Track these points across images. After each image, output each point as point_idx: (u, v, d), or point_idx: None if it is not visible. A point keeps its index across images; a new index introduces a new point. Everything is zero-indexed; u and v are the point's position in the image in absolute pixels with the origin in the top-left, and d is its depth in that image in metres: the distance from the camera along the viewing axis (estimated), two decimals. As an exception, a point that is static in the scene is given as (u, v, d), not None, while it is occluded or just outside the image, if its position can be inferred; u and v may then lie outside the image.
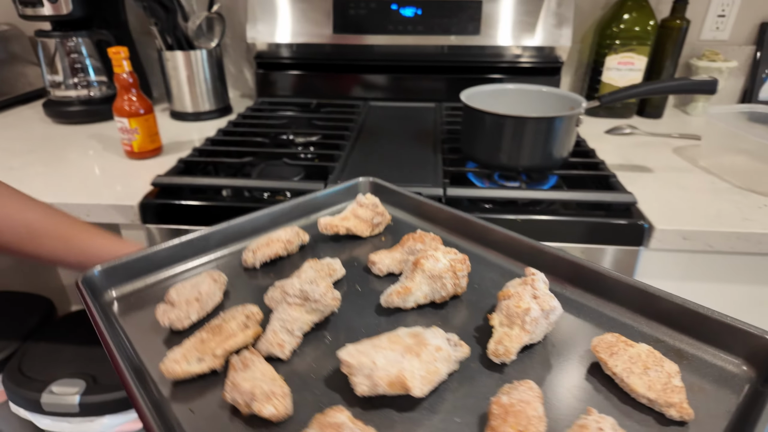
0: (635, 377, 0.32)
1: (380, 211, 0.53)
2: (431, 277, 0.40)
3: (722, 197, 0.75)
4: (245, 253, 0.47)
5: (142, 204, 0.72)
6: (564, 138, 0.72)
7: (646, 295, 0.39)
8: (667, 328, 0.38)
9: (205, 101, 1.08)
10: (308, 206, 0.56)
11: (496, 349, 0.35)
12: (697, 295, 0.73)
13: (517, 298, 0.36)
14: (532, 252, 0.48)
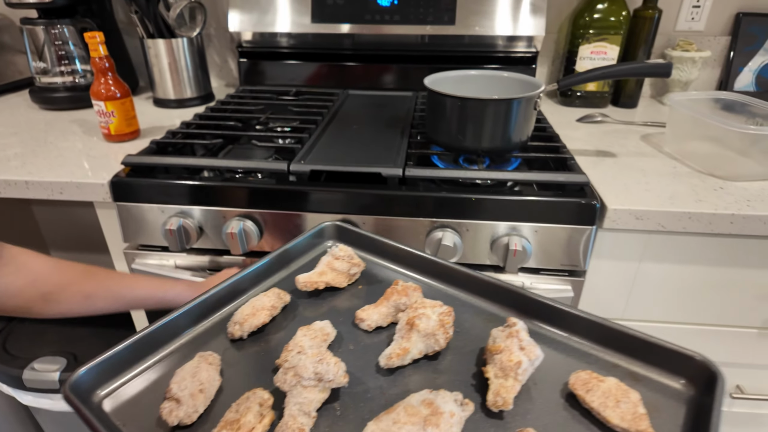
0: (610, 410, 0.39)
1: (356, 262, 0.55)
2: (425, 335, 0.44)
3: (680, 180, 0.76)
4: (231, 327, 0.47)
5: (112, 182, 0.74)
6: (523, 120, 0.73)
7: (603, 327, 0.45)
8: (622, 355, 0.44)
9: (187, 88, 1.11)
10: (281, 260, 0.57)
11: (495, 400, 0.39)
12: (653, 276, 0.75)
13: (507, 353, 0.42)
14: (501, 292, 0.51)
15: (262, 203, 0.73)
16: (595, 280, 0.77)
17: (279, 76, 1.21)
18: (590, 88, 1.12)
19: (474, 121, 0.72)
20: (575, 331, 0.46)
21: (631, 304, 0.79)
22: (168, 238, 0.73)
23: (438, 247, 0.69)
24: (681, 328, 0.80)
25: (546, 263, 0.72)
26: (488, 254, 0.72)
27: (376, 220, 0.72)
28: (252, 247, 0.74)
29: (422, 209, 0.70)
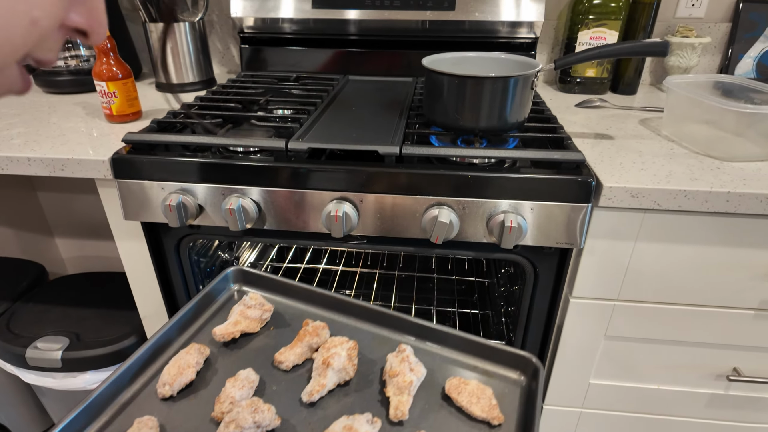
0: (474, 406, 0.53)
1: (267, 307, 0.64)
2: (338, 370, 0.55)
3: (677, 161, 0.77)
4: (161, 388, 0.52)
5: (113, 159, 0.75)
6: (520, 99, 0.74)
7: (464, 339, 0.61)
8: (479, 358, 0.61)
9: (188, 73, 1.12)
10: (196, 312, 0.64)
11: (395, 413, 0.52)
12: (648, 256, 0.76)
13: (402, 375, 0.55)
14: (386, 319, 0.64)
15: (260, 181, 0.74)
16: (590, 260, 0.77)
17: (280, 62, 1.22)
18: (589, 74, 1.12)
19: (471, 100, 0.72)
20: (445, 343, 0.62)
21: (627, 285, 0.79)
22: (167, 214, 0.74)
23: (434, 224, 0.70)
24: (676, 309, 0.80)
25: (542, 241, 0.73)
26: (484, 232, 0.73)
27: (374, 198, 0.72)
28: (251, 224, 0.75)
29: (419, 187, 0.71)
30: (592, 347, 0.86)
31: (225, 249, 1.13)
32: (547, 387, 0.92)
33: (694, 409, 0.91)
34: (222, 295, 0.69)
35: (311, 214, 0.75)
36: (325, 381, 0.54)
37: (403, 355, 0.57)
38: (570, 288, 0.82)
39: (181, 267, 0.91)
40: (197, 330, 0.63)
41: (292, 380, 0.56)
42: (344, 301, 0.66)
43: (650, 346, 0.85)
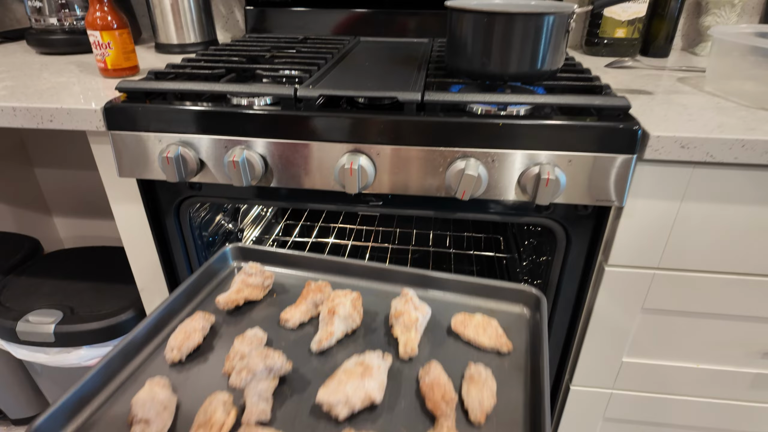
0: (481, 337, 0.56)
1: (267, 274, 0.64)
2: (344, 318, 0.56)
3: (727, 113, 0.69)
4: (169, 353, 0.53)
5: (106, 108, 0.68)
6: (554, 43, 0.67)
7: (465, 282, 0.64)
8: (481, 298, 0.64)
9: (190, 32, 1.05)
10: (194, 289, 0.63)
11: (405, 350, 0.53)
12: (695, 218, 0.68)
13: (407, 314, 0.56)
14: (385, 273, 0.66)
15: (266, 132, 0.67)
16: (629, 224, 0.70)
17: (287, 25, 1.15)
18: (619, 35, 1.04)
19: (501, 41, 0.65)
20: (447, 288, 0.64)
21: (669, 251, 0.72)
22: (165, 168, 0.67)
23: (460, 178, 0.63)
24: (724, 278, 0.73)
25: (579, 198, 0.65)
26: (515, 188, 0.65)
27: (393, 150, 0.65)
28: (256, 180, 0.68)
29: (443, 137, 0.64)
30: (627, 322, 0.79)
31: (229, 219, 1.06)
32: (576, 366, 0.85)
33: (737, 391, 0.84)
34: (222, 273, 0.69)
35: (323, 169, 0.68)
36: (332, 329, 0.55)
37: (407, 297, 0.59)
38: (605, 256, 0.75)
39: (182, 234, 0.84)
40: (200, 301, 0.63)
41: (300, 337, 0.56)
42: (343, 263, 0.67)
43: (692, 320, 0.78)
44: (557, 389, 0.91)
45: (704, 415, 0.88)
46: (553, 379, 0.90)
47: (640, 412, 0.89)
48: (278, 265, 0.69)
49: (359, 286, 0.64)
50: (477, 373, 0.49)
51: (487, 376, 0.49)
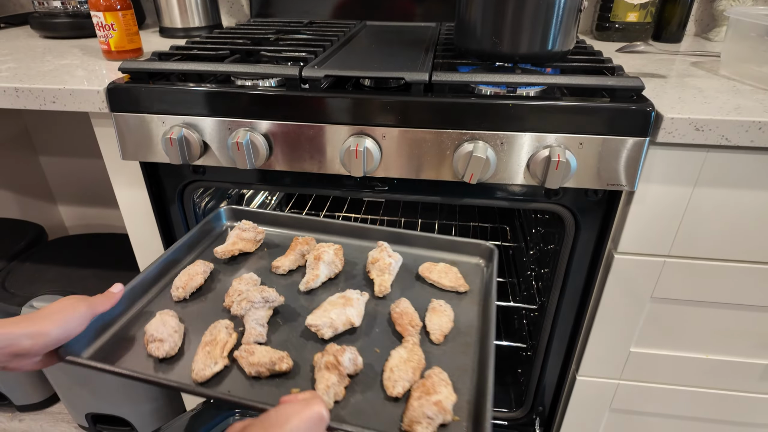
0: (443, 279, 0.65)
1: (259, 230, 0.72)
2: (328, 263, 0.64)
3: (744, 96, 0.67)
4: (175, 291, 0.60)
5: (109, 89, 0.67)
6: (567, 22, 0.65)
7: (430, 238, 0.72)
8: (444, 251, 0.72)
9: (194, 16, 1.04)
10: (192, 243, 0.70)
11: (379, 289, 0.63)
12: (708, 204, 0.67)
13: (381, 260, 0.65)
14: (363, 231, 0.74)
15: (271, 113, 0.66)
16: (640, 209, 0.69)
17: (292, 10, 1.14)
18: (631, 19, 1.02)
19: (512, 19, 0.63)
20: (416, 244, 0.72)
21: (680, 238, 0.70)
22: (168, 150, 0.66)
23: (468, 161, 0.62)
24: (737, 267, 0.71)
25: (590, 182, 0.64)
26: (524, 171, 0.64)
27: (399, 132, 0.64)
28: (261, 162, 0.67)
29: (451, 119, 0.63)
30: (636, 311, 0.78)
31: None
32: (583, 356, 0.84)
33: (746, 382, 0.83)
34: (217, 230, 0.76)
35: (328, 152, 0.67)
36: (317, 272, 0.63)
37: (382, 247, 0.68)
38: (615, 243, 0.73)
39: (185, 220, 0.83)
40: (199, 253, 0.70)
41: (289, 282, 0.65)
42: (326, 222, 0.76)
43: (702, 310, 0.77)
44: (563, 379, 0.90)
45: (713, 407, 0.86)
46: (559, 368, 0.89)
47: (647, 403, 0.88)
48: (268, 225, 0.76)
49: (341, 242, 0.72)
50: (438, 305, 0.60)
51: (446, 307, 0.60)
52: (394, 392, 0.48)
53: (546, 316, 0.84)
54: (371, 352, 0.54)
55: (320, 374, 0.48)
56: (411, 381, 0.49)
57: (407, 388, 0.48)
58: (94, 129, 0.75)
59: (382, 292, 0.62)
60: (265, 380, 0.49)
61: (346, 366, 0.49)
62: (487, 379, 0.48)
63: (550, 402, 0.94)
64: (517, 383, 1.01)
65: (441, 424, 0.45)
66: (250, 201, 1.17)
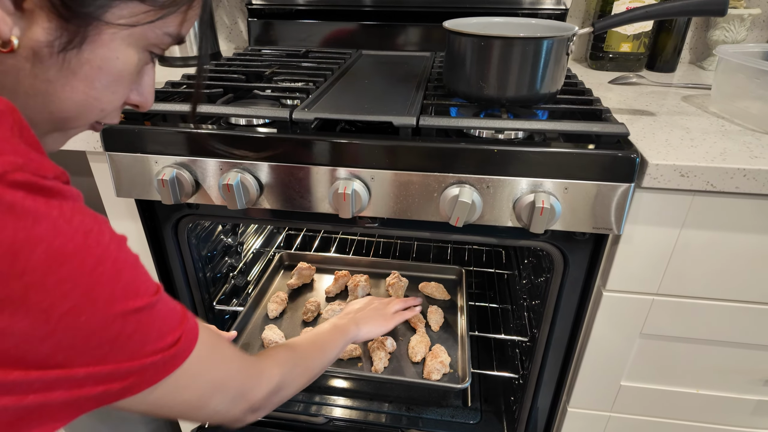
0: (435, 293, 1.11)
1: (312, 267, 1.17)
2: (362, 288, 1.09)
3: (731, 138, 0.68)
4: (270, 312, 1.03)
5: (104, 130, 0.69)
6: (554, 66, 0.66)
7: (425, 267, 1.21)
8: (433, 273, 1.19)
9: (193, 46, 1.05)
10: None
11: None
12: (695, 245, 0.67)
13: (396, 283, 1.10)
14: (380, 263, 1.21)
15: (262, 155, 0.67)
16: (628, 249, 0.69)
17: (290, 37, 1.15)
18: (624, 49, 1.02)
19: (498, 65, 0.64)
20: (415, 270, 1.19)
21: (668, 277, 0.70)
22: (161, 190, 0.68)
23: (454, 205, 0.62)
24: (725, 306, 0.71)
25: (576, 225, 0.65)
26: (510, 214, 0.65)
27: (387, 175, 0.65)
28: (251, 203, 0.68)
29: (437, 163, 0.63)
30: (626, 346, 0.78)
31: (228, 233, 1.06)
32: (573, 388, 0.84)
33: (737, 417, 0.83)
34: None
35: (317, 192, 0.68)
36: (357, 294, 1.07)
37: (395, 273, 1.12)
38: (603, 280, 0.73)
39: (180, 250, 0.85)
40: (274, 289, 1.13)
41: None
42: (356, 259, 1.21)
43: (691, 347, 0.77)
44: (555, 410, 0.90)
45: (705, 441, 0.86)
46: (550, 399, 0.89)
47: (639, 436, 0.88)
48: (317, 263, 1.19)
49: (367, 272, 1.12)
50: (434, 308, 1.03)
51: (438, 309, 1.03)
52: (416, 359, 0.91)
53: (537, 347, 0.84)
54: (398, 339, 0.97)
55: (374, 353, 0.91)
56: (424, 353, 0.92)
57: (423, 356, 0.91)
58: (90, 165, 0.77)
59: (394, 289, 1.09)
60: (346, 361, 0.93)
61: (388, 347, 0.92)
62: (465, 350, 0.92)
63: (542, 432, 0.95)
64: (509, 411, 1.01)
65: (444, 373, 0.87)
66: (247, 225, 1.18)
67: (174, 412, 0.44)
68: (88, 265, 0.32)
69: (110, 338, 0.34)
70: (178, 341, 0.39)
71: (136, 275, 0.37)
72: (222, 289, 1.04)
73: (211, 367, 0.44)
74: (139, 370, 0.36)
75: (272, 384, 0.52)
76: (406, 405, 1.04)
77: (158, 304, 0.38)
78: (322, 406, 1.03)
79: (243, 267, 1.14)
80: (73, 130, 0.42)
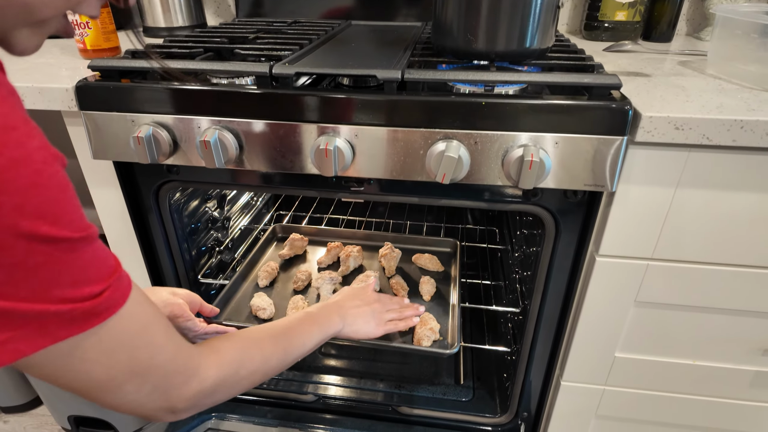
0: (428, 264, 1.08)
1: (305, 239, 1.14)
2: (354, 258, 1.06)
3: (728, 94, 0.65)
4: (260, 281, 1.01)
5: (77, 87, 0.66)
6: (545, 18, 0.63)
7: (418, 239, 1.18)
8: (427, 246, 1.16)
9: (177, 15, 1.03)
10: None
11: (388, 271, 1.05)
12: (691, 206, 0.64)
13: (388, 253, 1.07)
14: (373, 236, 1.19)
15: (241, 111, 0.64)
16: (621, 211, 0.67)
17: (278, 10, 1.13)
18: (619, 18, 1.00)
19: (488, 16, 0.62)
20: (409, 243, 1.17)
21: (664, 240, 0.68)
22: (137, 149, 0.65)
23: (441, 160, 0.60)
24: (723, 270, 0.69)
25: (567, 183, 0.62)
26: (499, 171, 0.62)
27: (371, 131, 0.62)
28: (230, 162, 0.66)
29: (423, 118, 0.61)
30: (620, 315, 0.76)
31: (214, 207, 1.04)
32: (566, 361, 0.82)
33: (735, 389, 0.80)
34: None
35: (299, 151, 0.65)
36: (349, 264, 1.04)
37: (388, 244, 1.09)
38: (596, 245, 0.71)
39: (161, 219, 0.82)
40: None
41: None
42: (348, 231, 1.20)
43: (688, 315, 0.74)
44: (548, 384, 0.88)
45: (701, 414, 0.84)
46: (543, 373, 0.87)
47: (633, 410, 0.86)
48: (310, 236, 1.17)
49: (360, 244, 1.12)
50: (426, 279, 1.01)
51: (430, 279, 1.01)
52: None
53: (529, 319, 0.82)
54: None
55: None
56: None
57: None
58: (67, 128, 0.74)
59: (390, 273, 1.03)
60: None
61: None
62: (455, 318, 0.90)
63: (536, 408, 0.92)
64: (502, 388, 0.99)
65: (434, 340, 0.85)
66: (234, 201, 1.15)
67: (76, 387, 0.37)
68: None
69: (8, 263, 0.28)
70: (97, 296, 0.33)
71: (61, 199, 0.31)
72: (208, 263, 1.01)
73: (134, 345, 0.38)
74: (38, 317, 0.30)
75: (204, 385, 0.45)
76: (397, 383, 1.02)
77: (84, 247, 0.32)
78: (311, 384, 1.01)
79: (230, 244, 1.12)
80: (44, 27, 0.34)
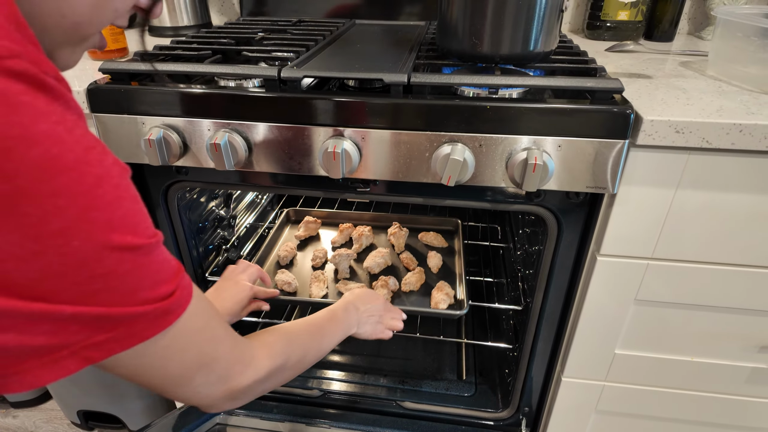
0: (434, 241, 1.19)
1: (318, 221, 1.23)
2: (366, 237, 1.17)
3: (728, 97, 0.67)
4: (281, 260, 1.11)
5: (89, 90, 0.67)
6: (549, 21, 0.64)
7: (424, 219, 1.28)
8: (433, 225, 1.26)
9: (183, 15, 1.04)
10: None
11: (398, 248, 1.17)
12: (691, 206, 0.66)
13: (397, 232, 1.18)
14: (382, 217, 1.27)
15: (250, 114, 0.65)
16: (622, 211, 0.68)
17: (283, 8, 1.13)
18: (621, 17, 1.01)
19: (492, 19, 0.63)
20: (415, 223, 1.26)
21: (664, 240, 0.70)
22: (147, 151, 0.66)
23: (446, 163, 0.61)
24: (721, 270, 0.71)
25: (569, 185, 0.64)
26: (503, 174, 0.64)
27: (378, 134, 0.64)
28: (240, 164, 0.67)
29: (429, 121, 0.62)
30: (620, 313, 0.77)
31: (220, 206, 1.05)
32: (567, 357, 0.84)
33: (733, 385, 0.82)
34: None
35: (307, 153, 0.66)
36: (361, 242, 1.14)
37: (396, 224, 1.19)
38: (597, 245, 0.73)
39: (170, 218, 0.84)
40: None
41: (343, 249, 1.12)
42: (358, 213, 1.28)
43: (687, 312, 0.76)
44: (549, 380, 0.90)
45: (699, 410, 0.86)
46: (545, 369, 0.89)
47: (633, 406, 0.88)
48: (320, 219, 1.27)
49: (370, 224, 1.21)
50: (433, 253, 1.11)
51: (437, 254, 1.11)
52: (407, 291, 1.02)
53: (530, 317, 0.83)
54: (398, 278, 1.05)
55: (378, 291, 0.99)
56: (416, 286, 1.03)
57: (412, 289, 1.02)
58: (78, 129, 0.75)
59: (399, 249, 1.14)
60: None
61: (391, 285, 1.01)
62: (463, 284, 1.00)
63: (537, 403, 0.94)
64: (504, 384, 1.01)
65: (449, 304, 0.96)
66: (239, 199, 1.17)
67: (154, 383, 0.40)
68: (87, 182, 0.29)
69: (102, 274, 0.31)
70: (172, 294, 0.36)
71: (137, 210, 0.34)
72: (215, 261, 1.03)
73: (201, 339, 0.41)
74: (128, 319, 0.33)
75: (260, 374, 0.49)
76: (401, 378, 1.03)
77: (156, 250, 0.35)
78: (316, 379, 1.03)
79: (236, 242, 1.13)
80: (84, 43, 0.38)
